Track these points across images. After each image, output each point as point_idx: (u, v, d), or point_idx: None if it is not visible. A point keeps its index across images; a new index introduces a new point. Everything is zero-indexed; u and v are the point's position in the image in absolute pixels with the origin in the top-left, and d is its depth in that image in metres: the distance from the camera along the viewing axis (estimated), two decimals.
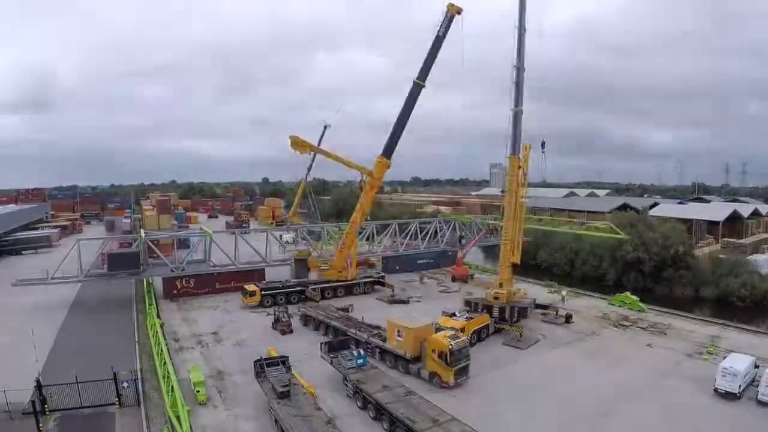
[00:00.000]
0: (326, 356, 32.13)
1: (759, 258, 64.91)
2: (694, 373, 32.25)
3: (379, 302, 51.67)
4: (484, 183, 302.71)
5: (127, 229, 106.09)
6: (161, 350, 32.75)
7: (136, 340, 39.65)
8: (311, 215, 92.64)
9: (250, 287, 49.74)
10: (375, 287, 55.71)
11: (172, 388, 26.31)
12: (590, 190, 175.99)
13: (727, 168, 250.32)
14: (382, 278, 56.93)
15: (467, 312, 40.18)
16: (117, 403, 27.55)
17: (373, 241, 65.58)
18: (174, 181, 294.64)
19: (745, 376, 28.77)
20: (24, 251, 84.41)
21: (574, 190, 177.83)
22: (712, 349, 36.66)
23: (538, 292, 53.04)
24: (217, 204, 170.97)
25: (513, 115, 41.75)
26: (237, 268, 55.82)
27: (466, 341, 31.32)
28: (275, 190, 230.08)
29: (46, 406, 26.56)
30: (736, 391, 28.12)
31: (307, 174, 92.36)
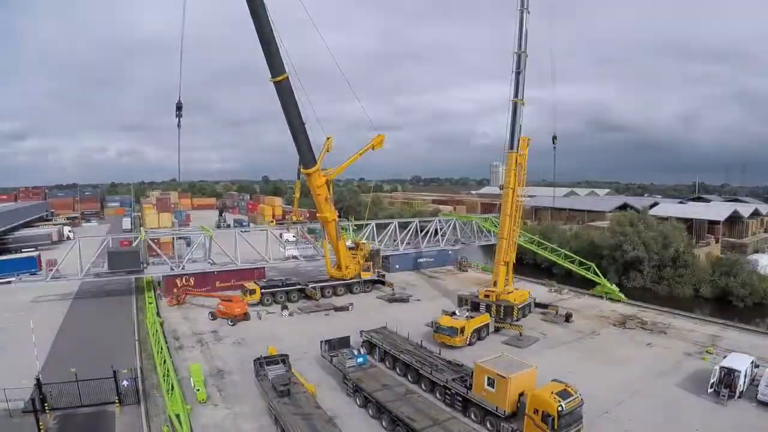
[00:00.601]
0: (326, 355, 32.13)
1: (759, 258, 64.90)
2: (694, 373, 32.23)
3: (379, 301, 51.68)
4: (485, 182, 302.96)
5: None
6: (161, 348, 32.75)
7: (136, 338, 39.67)
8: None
9: (250, 285, 49.76)
10: (375, 286, 55.71)
11: (173, 386, 26.31)
12: (590, 190, 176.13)
13: (728, 168, 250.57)
14: (382, 277, 56.95)
15: (467, 311, 40.19)
16: (117, 401, 27.54)
17: (374, 240, 65.54)
18: (174, 179, 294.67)
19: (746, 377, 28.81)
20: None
21: (575, 189, 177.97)
22: (711, 348, 36.67)
23: (538, 291, 53.06)
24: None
25: (512, 106, 40.02)
26: (237, 266, 55.84)
27: (580, 400, 23.85)
28: (276, 188, 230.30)
29: (46, 405, 26.54)
30: None
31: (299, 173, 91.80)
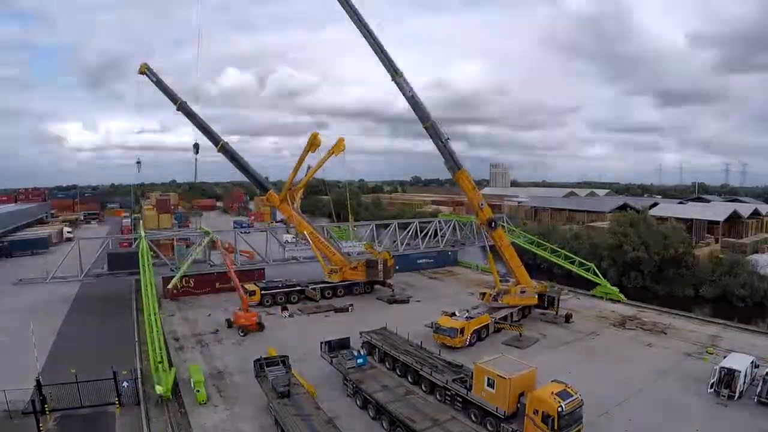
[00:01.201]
0: (326, 356, 32.10)
1: (759, 258, 64.85)
2: (694, 373, 32.21)
3: (379, 302, 51.68)
4: (484, 182, 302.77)
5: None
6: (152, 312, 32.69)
7: (136, 339, 39.65)
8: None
9: (250, 287, 49.75)
10: (375, 287, 55.68)
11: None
12: (590, 190, 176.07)
13: (727, 168, 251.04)
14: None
15: (467, 311, 40.19)
16: (117, 402, 27.54)
17: (375, 241, 65.57)
18: (174, 180, 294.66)
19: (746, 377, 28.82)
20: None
21: (574, 189, 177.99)
22: (711, 349, 36.67)
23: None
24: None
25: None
26: (237, 267, 55.80)
27: (580, 400, 23.81)
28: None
29: (46, 406, 26.54)
30: None
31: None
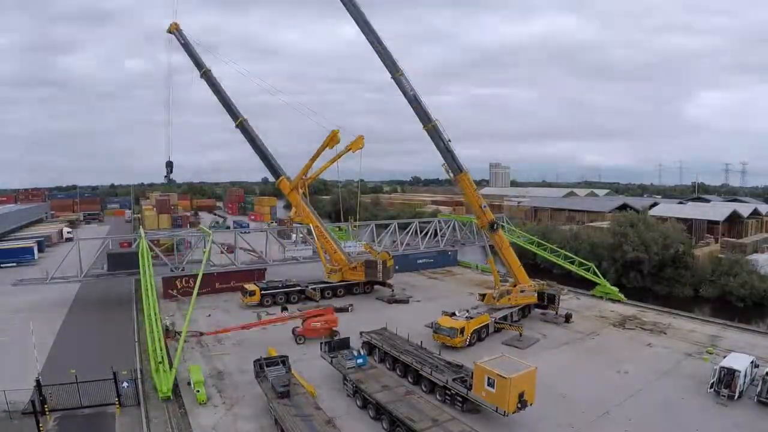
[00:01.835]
0: (326, 356, 32.08)
1: (759, 258, 64.89)
2: (694, 373, 32.23)
3: (379, 302, 51.67)
4: (484, 182, 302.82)
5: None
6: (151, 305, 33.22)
7: (136, 339, 39.64)
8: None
9: (250, 287, 49.75)
10: (375, 287, 55.67)
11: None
12: (590, 190, 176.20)
13: (727, 168, 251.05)
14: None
15: (467, 312, 40.19)
16: (117, 402, 27.53)
17: (374, 241, 65.58)
18: (174, 180, 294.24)
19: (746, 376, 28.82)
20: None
21: (574, 189, 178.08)
22: (711, 348, 36.68)
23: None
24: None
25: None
26: (237, 267, 55.88)
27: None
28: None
29: (46, 406, 26.55)
30: None
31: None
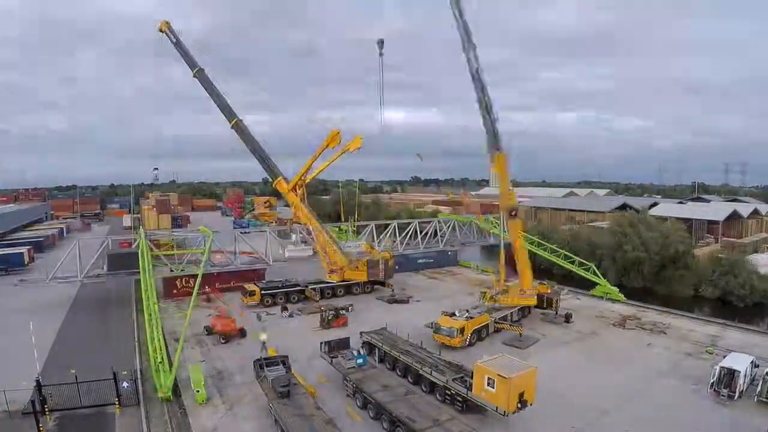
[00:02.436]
0: (326, 356, 32.09)
1: (759, 257, 64.88)
2: (694, 373, 32.25)
3: (378, 302, 51.68)
4: (484, 182, 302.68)
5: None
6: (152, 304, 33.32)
7: (136, 339, 39.65)
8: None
9: (250, 287, 49.76)
10: (375, 287, 55.67)
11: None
12: (590, 190, 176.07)
13: (727, 168, 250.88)
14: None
15: (467, 312, 40.20)
16: (117, 402, 27.54)
17: (374, 241, 65.56)
18: (174, 181, 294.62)
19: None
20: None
21: (574, 189, 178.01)
22: (711, 348, 36.68)
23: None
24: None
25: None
26: (237, 267, 55.88)
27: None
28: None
29: (46, 406, 26.55)
30: None
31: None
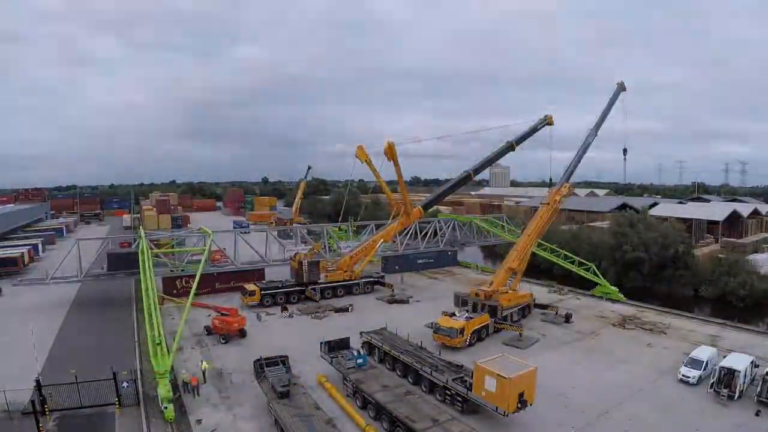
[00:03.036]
0: (326, 356, 32.07)
1: (758, 257, 64.88)
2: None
3: (378, 302, 51.67)
4: (484, 182, 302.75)
5: None
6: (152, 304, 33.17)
7: (136, 339, 39.62)
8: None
9: (250, 287, 49.76)
10: (375, 287, 55.67)
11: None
12: (590, 190, 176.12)
13: (727, 168, 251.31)
14: (381, 278, 56.92)
15: (467, 312, 40.18)
16: (117, 403, 27.51)
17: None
18: (174, 181, 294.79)
19: (746, 376, 28.84)
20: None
21: (574, 189, 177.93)
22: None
23: (537, 291, 52.96)
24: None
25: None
26: (236, 267, 55.88)
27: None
28: (274, 190, 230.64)
29: (46, 406, 26.51)
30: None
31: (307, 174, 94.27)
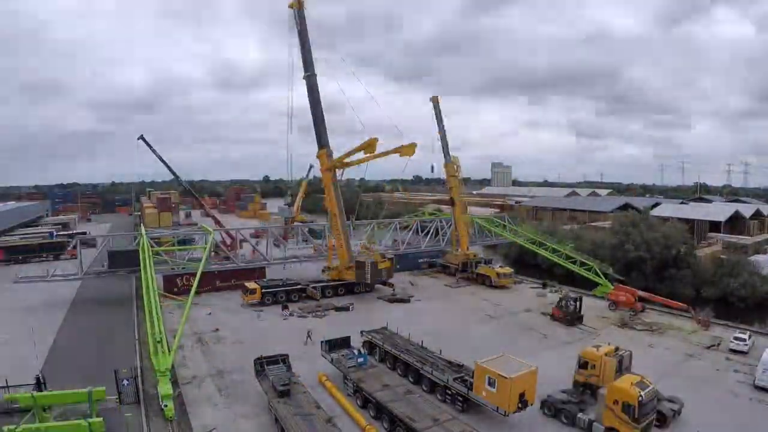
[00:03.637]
0: (326, 355, 32.03)
1: (760, 258, 64.66)
2: (695, 373, 32.16)
3: (379, 301, 51.58)
4: (486, 182, 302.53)
5: None
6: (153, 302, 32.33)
7: (137, 337, 39.60)
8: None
9: (251, 285, 49.71)
10: (375, 286, 55.53)
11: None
12: (591, 190, 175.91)
13: (729, 168, 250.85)
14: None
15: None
16: (117, 400, 27.41)
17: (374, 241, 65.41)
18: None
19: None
20: None
21: (576, 189, 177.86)
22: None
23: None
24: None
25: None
26: (237, 266, 55.84)
27: (654, 390, 24.23)
28: (275, 188, 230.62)
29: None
30: None
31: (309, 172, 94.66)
